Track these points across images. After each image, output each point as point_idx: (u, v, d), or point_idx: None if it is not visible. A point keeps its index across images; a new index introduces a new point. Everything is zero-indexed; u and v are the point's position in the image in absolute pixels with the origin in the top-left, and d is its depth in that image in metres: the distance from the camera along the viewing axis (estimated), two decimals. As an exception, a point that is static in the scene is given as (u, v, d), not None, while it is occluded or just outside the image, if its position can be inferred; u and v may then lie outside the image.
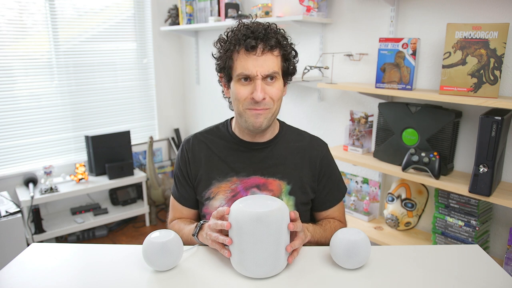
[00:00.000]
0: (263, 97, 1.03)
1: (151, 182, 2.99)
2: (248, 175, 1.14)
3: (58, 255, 1.02)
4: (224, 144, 1.18)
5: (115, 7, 3.04)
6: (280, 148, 1.18)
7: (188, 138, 1.23)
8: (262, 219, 0.86)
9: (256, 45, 1.02)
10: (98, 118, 3.07)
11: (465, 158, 1.77)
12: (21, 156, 2.76)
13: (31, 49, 2.70)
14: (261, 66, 1.02)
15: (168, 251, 0.91)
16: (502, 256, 1.67)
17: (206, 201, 1.16)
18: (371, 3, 1.99)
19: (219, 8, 2.69)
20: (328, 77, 2.23)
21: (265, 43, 1.03)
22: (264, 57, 1.03)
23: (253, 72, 1.02)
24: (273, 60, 1.04)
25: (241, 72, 1.04)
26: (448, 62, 1.56)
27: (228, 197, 1.13)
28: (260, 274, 0.89)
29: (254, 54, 1.03)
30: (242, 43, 1.03)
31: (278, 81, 1.07)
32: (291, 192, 1.14)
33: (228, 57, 1.06)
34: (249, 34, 1.03)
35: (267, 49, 1.03)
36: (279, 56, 1.07)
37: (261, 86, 1.03)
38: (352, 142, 2.08)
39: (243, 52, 1.03)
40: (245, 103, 1.06)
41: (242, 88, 1.05)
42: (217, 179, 1.15)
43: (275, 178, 1.14)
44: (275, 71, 1.05)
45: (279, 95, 1.08)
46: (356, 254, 0.91)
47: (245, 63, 1.03)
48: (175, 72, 3.47)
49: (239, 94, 1.06)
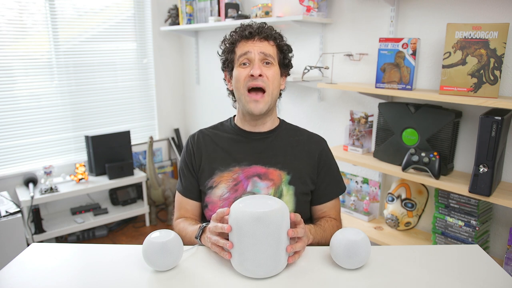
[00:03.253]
0: (260, 73, 1.13)
1: (151, 182, 2.99)
2: (249, 164, 1.19)
3: (58, 255, 1.02)
4: (227, 136, 1.26)
5: (115, 7, 3.04)
6: (280, 140, 1.24)
7: (194, 133, 1.30)
8: (262, 219, 0.86)
9: (253, 33, 1.17)
10: (98, 118, 3.07)
11: (465, 158, 1.77)
12: (21, 156, 2.76)
13: (31, 49, 2.70)
14: (258, 47, 1.16)
15: (168, 251, 0.91)
16: (502, 256, 1.67)
17: (209, 190, 1.20)
18: (371, 3, 1.99)
19: (219, 8, 2.69)
20: (328, 77, 2.23)
21: (261, 33, 1.17)
22: (260, 42, 1.17)
23: (251, 50, 1.15)
24: (268, 46, 1.17)
25: (240, 54, 1.16)
26: (448, 62, 1.56)
27: (230, 185, 1.17)
28: (260, 274, 0.89)
29: (252, 40, 1.17)
30: (242, 34, 1.18)
31: (274, 66, 1.18)
32: (291, 182, 1.18)
33: (230, 50, 1.20)
34: (247, 28, 1.18)
35: (263, 37, 1.17)
36: (274, 46, 1.19)
37: (258, 64, 1.15)
38: (352, 142, 2.08)
39: (243, 41, 1.18)
40: (245, 83, 1.15)
41: (242, 70, 1.16)
42: (219, 169, 1.20)
43: (275, 168, 1.18)
44: (271, 55, 1.17)
45: (275, 77, 1.17)
46: (356, 254, 0.91)
47: (244, 47, 1.17)
48: (175, 72, 3.47)
49: (239, 75, 1.16)
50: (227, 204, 1.16)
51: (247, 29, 1.18)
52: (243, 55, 1.16)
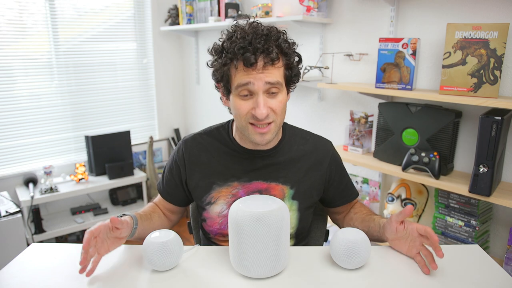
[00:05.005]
0: (266, 113, 0.97)
1: (151, 182, 2.99)
2: (249, 180, 1.11)
3: (58, 255, 1.02)
4: (224, 149, 1.13)
5: (115, 7, 3.04)
6: (283, 153, 1.13)
7: (187, 139, 1.17)
8: (262, 219, 0.86)
9: (255, 61, 0.93)
10: (98, 118, 3.07)
11: (465, 158, 1.77)
12: (21, 156, 2.76)
13: (31, 49, 2.70)
14: (262, 81, 0.95)
15: (168, 251, 0.91)
16: (502, 256, 1.67)
17: (207, 205, 1.12)
18: (371, 3, 1.99)
19: (219, 8, 2.69)
20: (328, 77, 2.23)
21: (266, 56, 0.94)
22: (265, 72, 0.95)
23: (254, 89, 0.96)
24: (275, 73, 0.96)
25: (239, 84, 0.96)
26: (448, 62, 1.56)
27: (230, 202, 1.10)
28: (260, 274, 0.89)
29: (254, 70, 0.94)
30: (240, 57, 0.94)
31: (281, 92, 1.00)
32: (294, 197, 1.11)
33: (225, 71, 0.99)
34: (247, 47, 0.93)
35: (268, 63, 0.94)
36: (282, 67, 0.99)
37: (263, 101, 0.96)
38: (352, 142, 2.08)
39: (242, 67, 0.95)
40: (247, 117, 1.00)
41: (242, 103, 0.98)
42: (217, 183, 1.11)
43: (277, 183, 1.11)
44: (278, 82, 0.97)
45: (282, 106, 1.01)
46: (356, 254, 0.91)
47: (245, 79, 0.95)
48: (175, 72, 3.47)
49: (240, 110, 0.99)
50: (226, 221, 1.07)
51: (246, 50, 0.93)
52: (243, 86, 0.96)
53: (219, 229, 1.12)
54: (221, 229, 1.12)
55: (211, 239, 1.18)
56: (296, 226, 1.13)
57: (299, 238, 1.17)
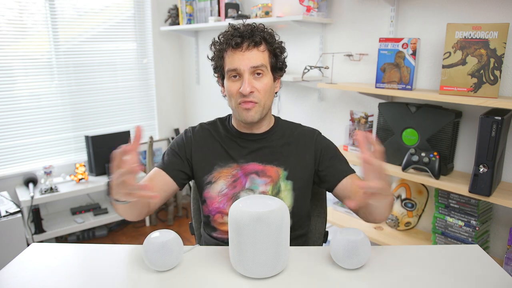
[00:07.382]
0: (250, 90, 1.10)
1: (151, 182, 2.99)
2: (247, 162, 1.20)
3: (58, 255, 1.02)
4: (224, 134, 1.26)
5: (115, 7, 3.04)
6: (275, 138, 1.24)
7: (194, 126, 1.30)
8: (262, 219, 0.86)
9: (241, 42, 1.10)
10: (98, 118, 3.07)
11: (465, 158, 1.77)
12: (21, 156, 2.76)
13: (31, 49, 2.70)
14: (247, 60, 1.10)
15: (168, 251, 0.91)
16: (502, 256, 1.67)
17: (207, 185, 1.20)
18: (371, 3, 1.99)
19: (219, 8, 2.69)
20: (328, 77, 2.23)
21: (250, 39, 1.11)
22: (249, 52, 1.11)
23: (240, 66, 1.10)
24: (258, 55, 1.12)
25: (229, 68, 1.12)
26: (448, 62, 1.56)
27: (229, 182, 1.18)
28: (260, 274, 0.89)
29: (240, 51, 1.11)
30: (229, 42, 1.12)
31: (265, 75, 1.14)
32: (288, 177, 1.19)
33: (219, 57, 1.16)
34: (236, 34, 1.12)
35: (252, 45, 1.11)
36: (266, 51, 1.14)
37: (248, 80, 1.10)
38: (352, 142, 2.08)
39: (231, 50, 1.12)
40: (236, 98, 1.13)
41: (232, 84, 1.14)
42: (219, 164, 1.21)
43: (272, 165, 1.20)
44: (261, 64, 1.11)
45: (267, 89, 1.14)
46: (356, 254, 0.91)
47: (232, 59, 1.12)
48: (175, 72, 3.47)
49: (230, 90, 1.14)
50: (226, 199, 1.17)
51: (234, 37, 1.11)
52: (232, 70, 1.12)
53: (218, 207, 1.18)
54: (220, 207, 1.18)
55: (210, 224, 1.21)
56: (292, 205, 1.18)
57: (297, 220, 1.20)
